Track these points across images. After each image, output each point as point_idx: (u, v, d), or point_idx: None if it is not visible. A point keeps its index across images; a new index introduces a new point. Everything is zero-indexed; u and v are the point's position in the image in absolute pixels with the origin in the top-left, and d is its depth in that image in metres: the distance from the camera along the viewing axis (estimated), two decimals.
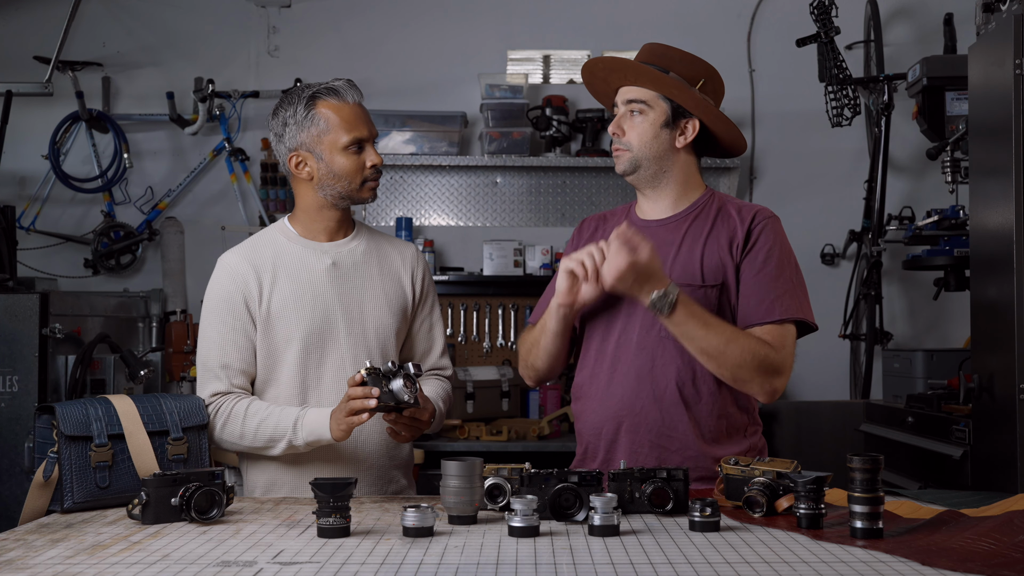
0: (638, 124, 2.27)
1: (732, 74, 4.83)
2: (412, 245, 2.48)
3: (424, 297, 2.43)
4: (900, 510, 1.87)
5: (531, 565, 1.53)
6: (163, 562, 1.56)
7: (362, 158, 2.26)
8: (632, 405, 2.22)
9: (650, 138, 2.26)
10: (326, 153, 2.25)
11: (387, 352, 2.33)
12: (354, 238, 2.37)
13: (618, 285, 2.07)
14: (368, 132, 2.27)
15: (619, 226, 2.10)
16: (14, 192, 4.84)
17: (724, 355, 2.12)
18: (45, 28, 4.69)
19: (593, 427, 2.28)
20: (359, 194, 2.29)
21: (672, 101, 2.25)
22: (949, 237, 3.69)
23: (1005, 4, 2.88)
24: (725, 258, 2.23)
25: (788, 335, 2.19)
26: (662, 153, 2.27)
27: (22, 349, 3.47)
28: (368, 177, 2.28)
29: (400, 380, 2.03)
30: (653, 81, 2.24)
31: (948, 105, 3.85)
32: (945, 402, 3.28)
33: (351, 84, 2.28)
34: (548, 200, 4.92)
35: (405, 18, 4.94)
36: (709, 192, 2.33)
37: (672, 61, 2.26)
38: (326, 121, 2.24)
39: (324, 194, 2.30)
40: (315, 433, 2.15)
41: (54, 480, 2.01)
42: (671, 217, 2.31)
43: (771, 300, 2.19)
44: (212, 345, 2.27)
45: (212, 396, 2.25)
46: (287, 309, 2.26)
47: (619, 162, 2.30)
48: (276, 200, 4.86)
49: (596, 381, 2.28)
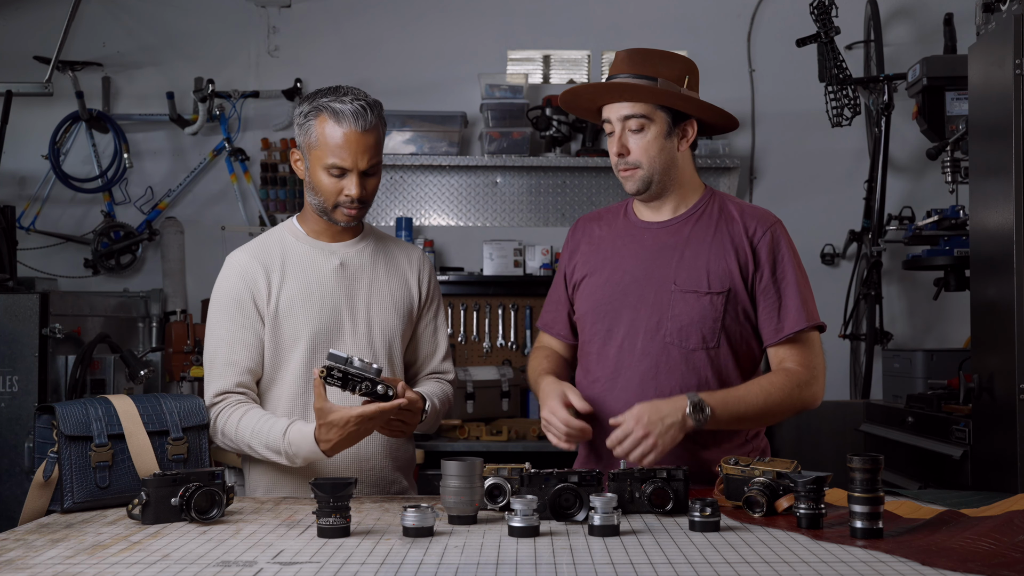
0: (643, 140, 2.21)
1: (732, 74, 4.84)
2: (418, 248, 2.47)
3: (430, 300, 2.42)
4: (900, 510, 1.87)
5: (531, 565, 1.53)
6: (163, 562, 1.56)
7: (341, 184, 2.20)
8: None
9: (657, 152, 2.21)
10: (311, 164, 2.23)
11: (392, 354, 2.32)
12: (362, 239, 2.36)
13: (664, 439, 2.04)
14: (352, 163, 2.18)
15: (614, 436, 2.05)
16: (14, 192, 4.84)
17: (765, 416, 2.16)
18: (45, 28, 4.69)
19: (595, 431, 2.27)
20: (332, 214, 2.25)
21: (669, 108, 2.21)
22: (949, 237, 3.69)
23: (1005, 4, 2.88)
24: (731, 265, 2.21)
25: (814, 343, 2.23)
26: (670, 163, 2.24)
27: (22, 349, 3.47)
28: (341, 203, 2.22)
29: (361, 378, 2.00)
30: (650, 95, 2.19)
31: (948, 105, 3.85)
32: (945, 402, 3.28)
33: (361, 111, 2.17)
34: (548, 200, 4.92)
35: (405, 18, 4.94)
36: (709, 192, 2.32)
37: (657, 66, 2.20)
38: (317, 136, 2.19)
39: (308, 198, 2.29)
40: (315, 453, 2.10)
41: (54, 480, 2.01)
42: (673, 219, 2.29)
43: (794, 313, 2.20)
44: (220, 343, 2.26)
45: (215, 396, 2.24)
46: (295, 308, 2.25)
47: (629, 182, 2.24)
48: (276, 200, 4.86)
49: (598, 386, 2.27)
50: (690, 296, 2.19)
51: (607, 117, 2.24)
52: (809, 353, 2.22)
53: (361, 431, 2.06)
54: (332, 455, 2.09)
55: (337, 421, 2.02)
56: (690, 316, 2.19)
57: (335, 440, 2.05)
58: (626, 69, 2.21)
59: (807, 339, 2.22)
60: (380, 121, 2.22)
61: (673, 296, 2.20)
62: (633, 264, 2.27)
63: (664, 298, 2.21)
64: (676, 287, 2.21)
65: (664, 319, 2.20)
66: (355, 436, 2.06)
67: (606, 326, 2.27)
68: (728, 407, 2.10)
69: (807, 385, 2.19)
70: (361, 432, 2.06)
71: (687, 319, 2.19)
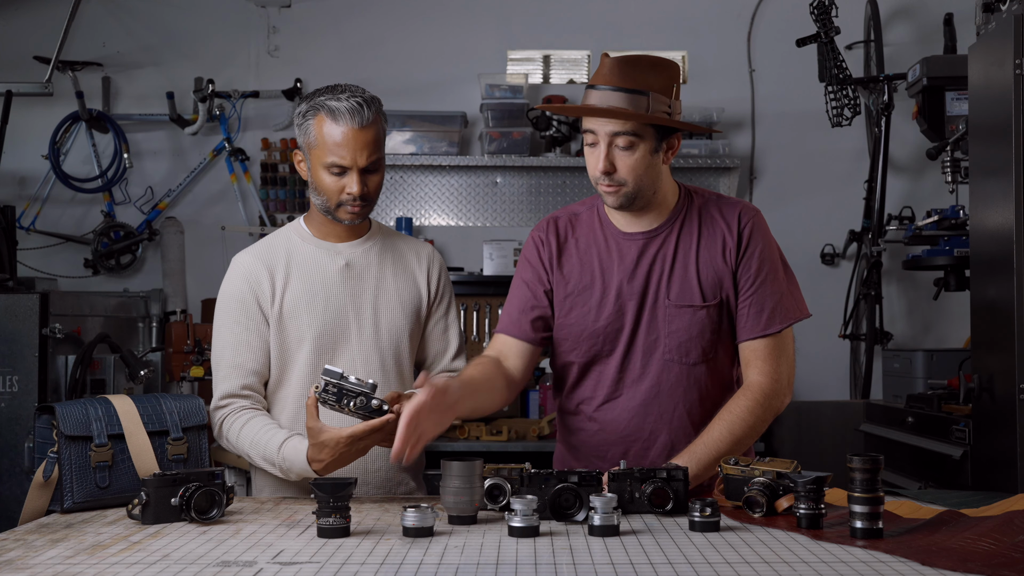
0: (630, 158, 2.08)
1: (732, 74, 4.85)
2: (428, 245, 2.44)
3: (440, 298, 2.39)
4: (900, 510, 1.87)
5: (531, 565, 1.53)
6: (163, 562, 1.56)
7: (342, 182, 2.19)
8: (640, 430, 2.19)
9: (644, 169, 2.10)
10: (312, 164, 2.22)
11: (399, 353, 2.30)
12: (369, 238, 2.35)
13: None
14: (351, 161, 2.16)
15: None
16: (14, 192, 4.84)
17: (735, 450, 2.10)
18: (45, 28, 4.69)
19: (596, 449, 2.25)
20: (336, 213, 2.24)
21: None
22: (949, 237, 3.69)
23: (1005, 4, 2.88)
24: (720, 269, 2.17)
25: (784, 344, 2.18)
26: (655, 178, 2.14)
27: (22, 349, 3.47)
28: (344, 201, 2.21)
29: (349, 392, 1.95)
30: (644, 118, 2.06)
31: (948, 105, 3.85)
32: (945, 402, 3.28)
33: (358, 108, 2.16)
34: (548, 200, 4.92)
35: (405, 18, 4.94)
36: (684, 192, 2.24)
37: (647, 77, 2.06)
38: (315, 136, 2.19)
39: (311, 197, 2.28)
40: (308, 471, 2.07)
41: (54, 480, 2.01)
42: (656, 229, 2.20)
43: (769, 312, 2.16)
44: (225, 346, 2.26)
45: (221, 399, 2.23)
46: (299, 309, 2.25)
47: (612, 198, 2.12)
48: (276, 200, 4.86)
49: (597, 406, 2.23)
50: (686, 311, 2.15)
51: (591, 128, 2.09)
52: (777, 357, 2.16)
53: (354, 451, 2.01)
54: (325, 475, 2.03)
55: (328, 442, 1.99)
56: (688, 332, 2.16)
57: (327, 460, 2.01)
58: (615, 82, 2.06)
59: (779, 337, 2.17)
60: (379, 117, 2.21)
61: (668, 312, 2.16)
62: (622, 280, 2.19)
63: (659, 314, 2.16)
64: (670, 302, 2.16)
65: (661, 336, 2.16)
66: (348, 456, 2.02)
67: (606, 347, 2.20)
68: (700, 464, 2.06)
69: (773, 397, 2.15)
70: (354, 452, 2.01)
71: (686, 335, 2.16)
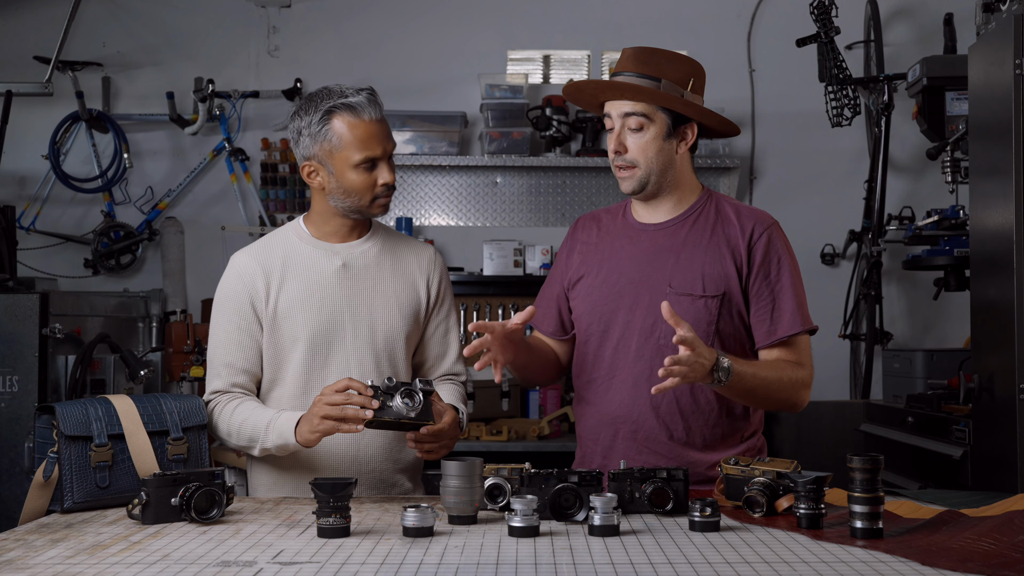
0: (641, 139, 2.20)
1: (732, 74, 4.84)
2: (430, 248, 2.45)
3: (440, 301, 2.39)
4: (900, 510, 1.87)
5: (531, 565, 1.53)
6: (163, 562, 1.56)
7: (374, 176, 2.22)
8: (630, 413, 2.22)
9: (655, 152, 2.21)
10: (337, 168, 2.21)
11: (394, 356, 2.31)
12: (368, 239, 2.35)
13: (690, 376, 1.99)
14: (382, 150, 2.21)
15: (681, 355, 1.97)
16: (14, 192, 4.84)
17: (768, 398, 2.14)
18: (45, 28, 4.69)
19: (590, 432, 2.28)
20: (369, 210, 2.26)
21: (670, 109, 2.20)
22: (949, 237, 3.69)
23: (1005, 4, 2.88)
24: (728, 268, 2.21)
25: (804, 348, 2.23)
26: (667, 164, 2.23)
27: (22, 349, 3.46)
28: (379, 195, 2.24)
29: (399, 396, 1.99)
30: (650, 96, 2.19)
31: (948, 105, 3.85)
32: (945, 402, 3.28)
33: (371, 99, 2.20)
34: (548, 200, 4.92)
35: (405, 18, 4.94)
36: (706, 193, 2.31)
37: (662, 67, 2.19)
38: (339, 138, 2.19)
39: (335, 204, 2.28)
40: (283, 436, 2.10)
41: (54, 480, 2.01)
42: (670, 221, 2.28)
43: (789, 316, 2.20)
44: (218, 344, 2.28)
45: (211, 394, 2.26)
46: (293, 309, 2.25)
47: (626, 182, 2.23)
48: (276, 200, 4.86)
49: (593, 387, 2.28)
50: (685, 299, 2.19)
51: (608, 112, 2.24)
52: (799, 355, 2.22)
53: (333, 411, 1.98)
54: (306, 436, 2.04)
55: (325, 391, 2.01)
56: (685, 319, 2.18)
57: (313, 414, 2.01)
58: (631, 67, 2.21)
59: (798, 343, 2.22)
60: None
61: (668, 299, 2.18)
62: (629, 266, 2.27)
63: (659, 300, 2.18)
64: (671, 290, 2.21)
65: (659, 321, 2.19)
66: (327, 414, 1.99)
67: (601, 327, 2.27)
68: (743, 381, 2.07)
69: (803, 386, 2.20)
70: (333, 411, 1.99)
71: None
